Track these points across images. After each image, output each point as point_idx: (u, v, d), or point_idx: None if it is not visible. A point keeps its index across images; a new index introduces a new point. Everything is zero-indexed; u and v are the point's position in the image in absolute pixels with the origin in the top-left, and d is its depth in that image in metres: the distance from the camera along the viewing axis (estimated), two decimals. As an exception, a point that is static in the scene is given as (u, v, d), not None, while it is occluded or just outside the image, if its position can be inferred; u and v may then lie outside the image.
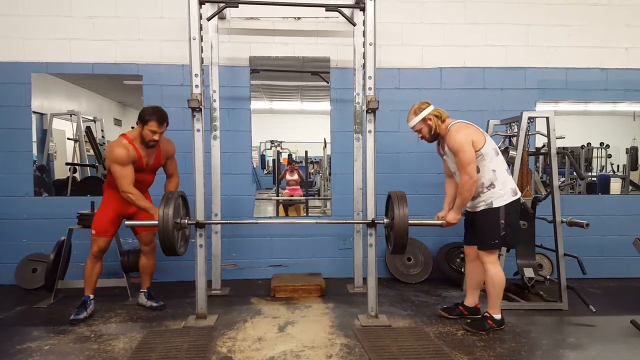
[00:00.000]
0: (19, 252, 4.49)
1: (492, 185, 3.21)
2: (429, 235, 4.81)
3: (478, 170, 3.19)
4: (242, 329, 3.39)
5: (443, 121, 3.30)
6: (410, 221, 3.27)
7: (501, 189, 3.21)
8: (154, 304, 3.83)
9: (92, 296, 3.66)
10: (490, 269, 3.27)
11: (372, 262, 3.53)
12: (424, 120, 3.30)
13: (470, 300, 3.59)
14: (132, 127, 3.79)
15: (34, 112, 4.60)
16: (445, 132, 3.27)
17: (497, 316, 3.33)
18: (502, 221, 3.20)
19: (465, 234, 3.55)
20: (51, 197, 4.76)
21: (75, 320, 3.47)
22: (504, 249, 3.78)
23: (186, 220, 3.48)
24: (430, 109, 3.30)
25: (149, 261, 3.87)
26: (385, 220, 3.47)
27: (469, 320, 3.44)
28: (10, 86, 4.51)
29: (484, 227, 3.28)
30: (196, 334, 3.25)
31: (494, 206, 3.21)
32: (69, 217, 4.16)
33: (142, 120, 3.46)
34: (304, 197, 6.07)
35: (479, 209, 3.29)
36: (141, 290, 3.92)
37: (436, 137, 3.37)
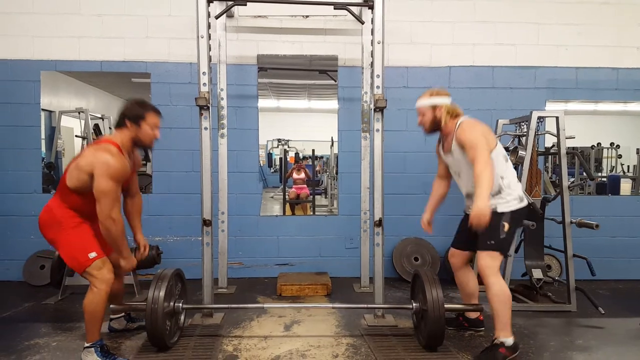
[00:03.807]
0: (27, 249, 4.52)
1: (499, 192, 2.91)
2: (437, 236, 4.76)
3: None
4: (248, 327, 3.39)
5: (453, 117, 3.01)
6: (446, 306, 2.90)
7: (508, 194, 2.91)
8: (142, 323, 3.15)
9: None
10: (493, 284, 2.84)
11: (379, 261, 3.51)
12: (433, 107, 3.01)
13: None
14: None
15: (43, 109, 4.63)
16: (452, 128, 2.97)
17: (509, 340, 2.82)
18: (505, 223, 2.87)
19: (456, 235, 3.29)
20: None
21: None
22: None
23: (180, 304, 3.04)
24: (446, 99, 3.02)
25: (121, 284, 3.12)
26: (413, 304, 3.14)
27: (479, 353, 2.94)
28: (19, 84, 4.54)
29: (487, 227, 2.84)
30: (202, 332, 3.25)
31: (498, 210, 2.89)
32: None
33: (136, 117, 2.72)
34: (311, 198, 6.06)
35: None
36: (118, 316, 3.21)
37: (435, 130, 3.08)
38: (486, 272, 2.88)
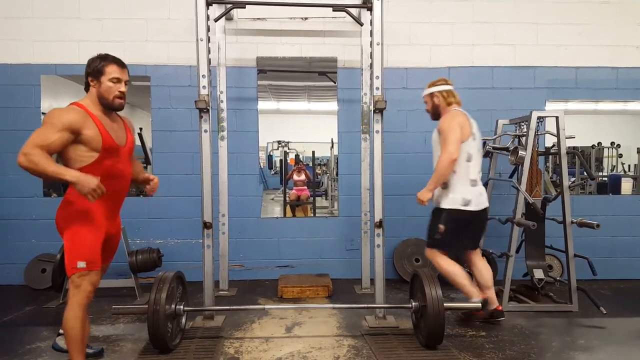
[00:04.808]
0: (28, 253, 4.52)
1: (446, 186, 3.27)
2: (437, 236, 4.78)
3: None
4: (250, 329, 3.38)
5: (448, 104, 3.34)
6: (446, 305, 2.92)
7: (452, 193, 3.25)
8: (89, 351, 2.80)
9: None
10: (439, 267, 3.38)
11: (380, 263, 3.51)
12: (431, 95, 3.41)
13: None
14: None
15: (43, 113, 4.62)
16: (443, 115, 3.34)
17: (475, 299, 3.30)
18: (441, 226, 3.25)
19: None
20: (60, 198, 4.76)
21: None
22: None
23: (181, 307, 3.05)
24: (442, 87, 3.38)
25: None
26: (412, 303, 3.17)
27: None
28: (19, 88, 4.55)
29: (429, 225, 3.41)
30: (204, 334, 3.25)
31: (440, 206, 3.29)
32: (78, 217, 4.16)
33: (96, 72, 2.41)
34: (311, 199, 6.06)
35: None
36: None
37: (437, 116, 3.41)
38: (433, 262, 3.43)
